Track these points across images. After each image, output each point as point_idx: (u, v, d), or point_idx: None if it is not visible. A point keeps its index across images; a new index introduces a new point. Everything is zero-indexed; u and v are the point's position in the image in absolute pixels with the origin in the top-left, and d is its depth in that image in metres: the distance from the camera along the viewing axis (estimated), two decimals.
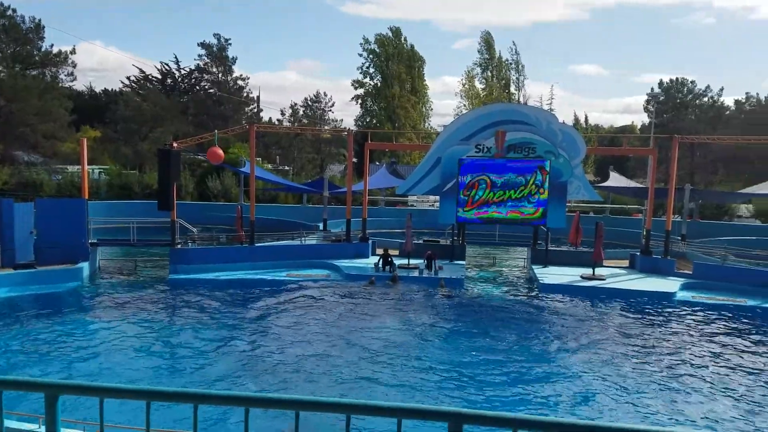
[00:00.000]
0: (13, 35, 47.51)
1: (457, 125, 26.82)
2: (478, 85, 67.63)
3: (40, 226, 23.07)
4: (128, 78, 60.51)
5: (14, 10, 47.47)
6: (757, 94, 68.08)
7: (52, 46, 51.03)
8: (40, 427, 8.83)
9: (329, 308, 20.48)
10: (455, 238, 28.18)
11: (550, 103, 71.13)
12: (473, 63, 69.01)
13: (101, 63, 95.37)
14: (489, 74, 67.71)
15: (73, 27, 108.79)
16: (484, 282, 26.22)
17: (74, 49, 52.50)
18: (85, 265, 23.51)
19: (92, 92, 68.98)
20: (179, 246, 25.39)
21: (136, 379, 13.44)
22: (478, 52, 67.86)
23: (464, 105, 65.94)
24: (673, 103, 61.22)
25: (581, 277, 24.71)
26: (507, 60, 68.70)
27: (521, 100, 67.37)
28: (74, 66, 52.37)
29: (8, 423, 2.12)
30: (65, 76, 52.86)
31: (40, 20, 49.74)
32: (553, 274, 25.05)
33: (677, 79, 61.61)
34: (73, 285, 22.17)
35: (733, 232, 34.45)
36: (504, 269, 29.87)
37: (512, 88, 69.17)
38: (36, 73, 49.02)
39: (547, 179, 25.88)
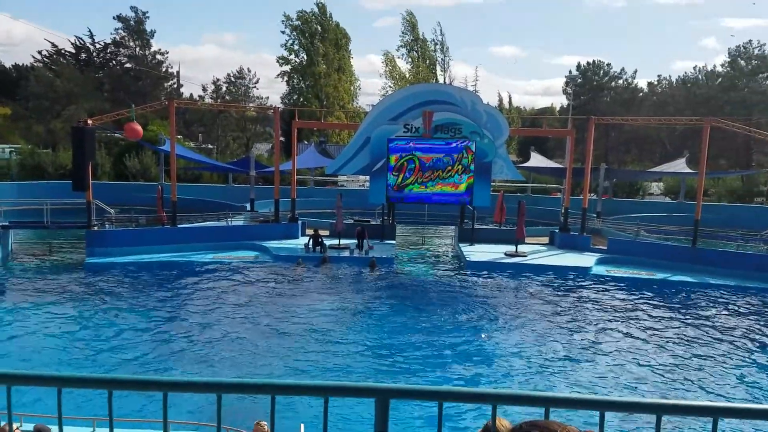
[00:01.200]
0: None
1: (385, 105, 26.87)
2: (405, 66, 67.82)
3: None
4: (40, 52, 56.81)
5: None
6: (669, 76, 71.89)
7: None
8: None
9: (257, 290, 20.23)
10: (385, 217, 28.38)
11: (475, 85, 72.52)
12: (398, 44, 69.12)
13: (9, 37, 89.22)
14: (414, 54, 67.94)
15: None
16: (414, 260, 26.62)
17: None
18: None
19: (2, 67, 64.41)
20: (96, 228, 24.29)
21: (50, 366, 12.85)
22: (402, 32, 67.93)
23: (390, 86, 66.06)
24: (590, 86, 63.59)
25: (505, 254, 25.48)
26: (432, 40, 69.16)
27: (447, 80, 68.09)
28: None
29: None
30: None
31: None
32: (479, 252, 25.70)
33: (594, 61, 64.00)
34: None
35: (645, 209, 36.41)
36: (433, 248, 30.43)
37: (438, 69, 69.77)
38: None
39: (473, 159, 26.39)
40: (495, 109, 29.46)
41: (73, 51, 56.96)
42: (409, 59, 67.44)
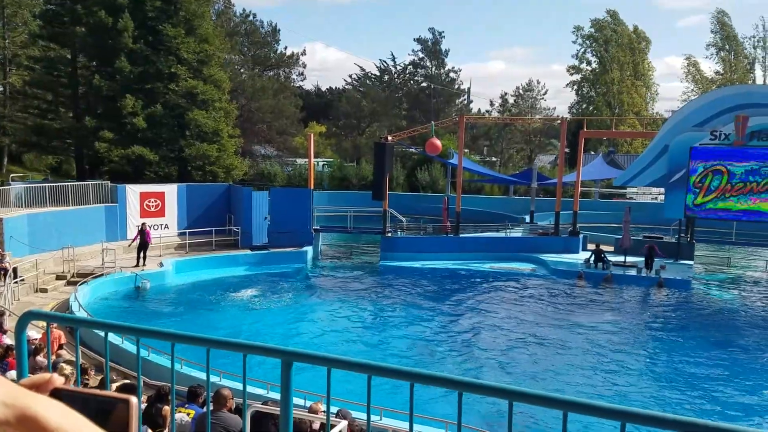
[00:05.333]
0: (253, 39, 53.48)
1: (689, 110, 24.14)
2: (714, 67, 60.46)
3: (273, 212, 25.76)
4: (350, 76, 64.77)
5: (254, 15, 53.43)
6: None
7: (285, 48, 56.45)
8: (268, 393, 9.86)
9: (534, 303, 19.89)
10: (682, 234, 25.50)
11: None
12: (707, 42, 61.72)
13: (322, 63, 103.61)
14: (725, 54, 60.03)
15: (297, 29, 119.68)
16: (715, 285, 23.38)
17: (304, 50, 57.37)
18: (309, 249, 25.71)
19: (318, 90, 74.98)
20: (389, 234, 26.56)
21: (349, 354, 14.34)
22: (711, 32, 60.60)
23: (692, 90, 59.41)
24: None
25: None
26: (753, 36, 60.30)
27: (767, 81, 58.66)
28: (304, 67, 57.47)
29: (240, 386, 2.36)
30: (296, 76, 58.31)
31: (275, 24, 55.44)
32: None
33: None
34: (298, 266, 24.40)
35: None
36: (741, 272, 26.31)
37: (758, 69, 60.55)
38: (272, 74, 54.70)
39: None
40: None
41: (378, 73, 63.41)
42: (719, 59, 59.86)
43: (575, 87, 61.37)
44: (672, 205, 24.35)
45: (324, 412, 7.44)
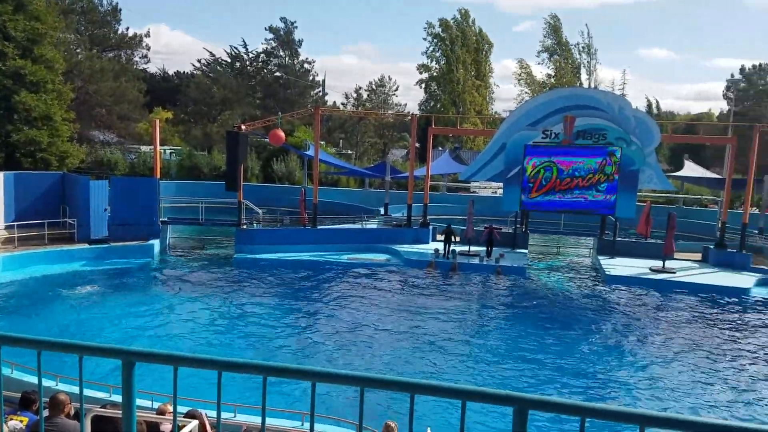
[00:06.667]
0: (91, 18, 49.23)
1: (524, 110, 26.21)
2: (546, 71, 65.98)
3: (114, 203, 24.06)
4: (199, 61, 62.05)
5: None
6: None
7: (127, 29, 52.77)
8: (110, 396, 9.26)
9: (387, 292, 20.55)
10: (518, 225, 27.68)
11: (622, 89, 68.50)
12: (538, 48, 67.33)
13: (167, 46, 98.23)
14: (557, 58, 65.81)
15: (139, 9, 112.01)
16: (546, 271, 25.69)
17: (148, 32, 53.82)
18: (155, 242, 24.37)
19: (165, 74, 70.80)
20: (245, 226, 25.98)
21: (202, 351, 13.87)
22: (544, 36, 66.11)
23: (526, 92, 64.50)
24: (756, 91, 57.80)
25: (650, 269, 23.81)
26: (578, 43, 66.61)
27: (592, 85, 65.21)
28: (148, 49, 54.00)
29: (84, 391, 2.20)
30: (139, 58, 54.65)
31: (117, 3, 51.56)
32: (620, 266, 24.25)
33: (760, 65, 58.07)
34: (144, 261, 23.03)
35: None
36: (568, 259, 29.17)
37: (583, 73, 67.04)
38: (112, 55, 50.74)
39: (618, 167, 24.99)
40: (645, 113, 27.73)
41: (229, 60, 61.35)
42: (550, 63, 65.43)
43: (424, 85, 63.93)
44: (509, 198, 26.37)
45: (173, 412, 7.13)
